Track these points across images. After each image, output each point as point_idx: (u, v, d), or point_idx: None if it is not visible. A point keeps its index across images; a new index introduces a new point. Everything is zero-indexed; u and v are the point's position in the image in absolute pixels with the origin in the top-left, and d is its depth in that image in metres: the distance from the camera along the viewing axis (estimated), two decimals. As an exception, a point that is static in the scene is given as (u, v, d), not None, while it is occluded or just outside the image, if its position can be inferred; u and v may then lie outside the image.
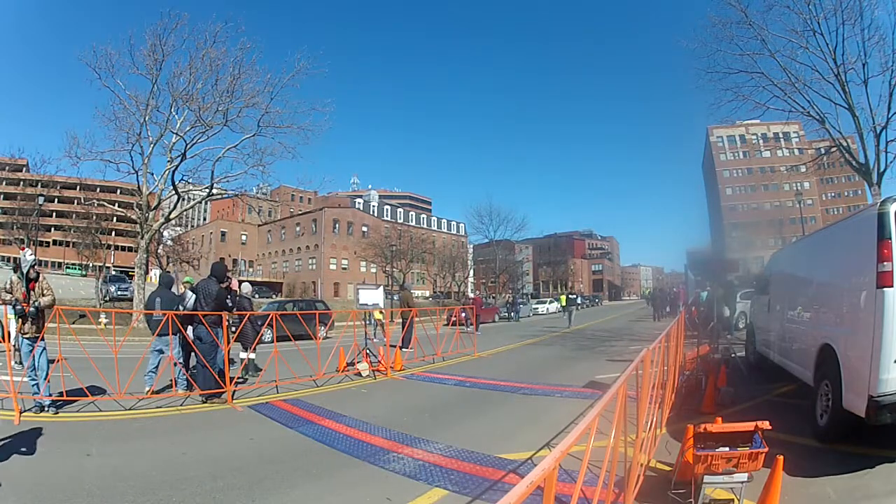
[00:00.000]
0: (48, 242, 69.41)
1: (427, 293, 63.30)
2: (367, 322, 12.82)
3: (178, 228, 44.94)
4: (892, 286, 3.72)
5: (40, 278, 6.15)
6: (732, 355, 9.03)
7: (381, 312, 14.14)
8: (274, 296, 47.50)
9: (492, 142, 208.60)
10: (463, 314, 18.48)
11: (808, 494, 3.54)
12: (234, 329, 8.87)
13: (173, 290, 8.48)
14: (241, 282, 10.44)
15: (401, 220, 75.59)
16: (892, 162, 14.83)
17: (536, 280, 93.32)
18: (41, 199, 30.17)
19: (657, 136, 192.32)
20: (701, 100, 37.07)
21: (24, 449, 4.69)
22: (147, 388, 6.85)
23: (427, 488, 3.82)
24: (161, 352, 7.17)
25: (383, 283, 47.26)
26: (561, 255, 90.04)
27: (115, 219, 45.04)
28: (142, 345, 7.93)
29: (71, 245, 59.89)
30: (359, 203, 74.36)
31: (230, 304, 7.64)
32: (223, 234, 69.43)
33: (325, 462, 4.52)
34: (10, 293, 5.93)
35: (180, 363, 7.24)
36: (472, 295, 65.95)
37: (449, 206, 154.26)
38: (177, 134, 20.38)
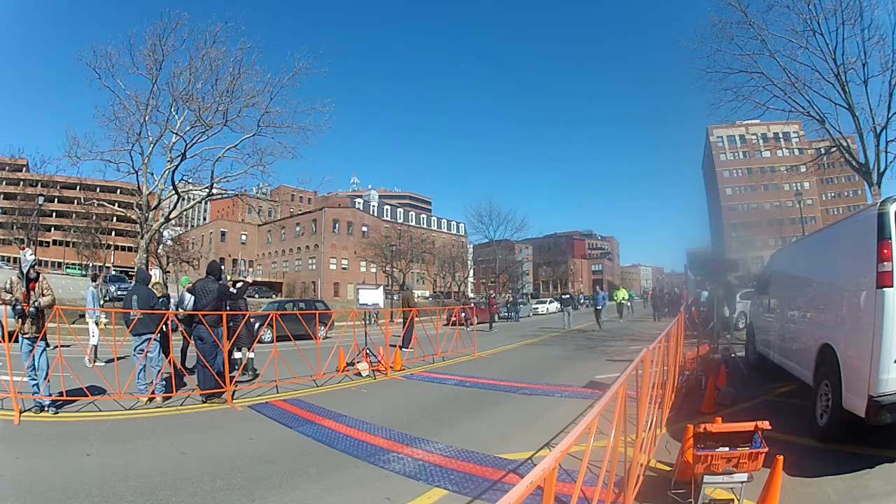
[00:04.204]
0: (48, 242, 69.49)
1: (427, 293, 63.32)
2: (368, 322, 12.83)
3: (178, 228, 44.96)
4: (892, 286, 3.72)
5: (40, 278, 6.15)
6: (732, 355, 9.03)
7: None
8: (274, 296, 47.50)
9: (492, 142, 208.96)
10: (463, 314, 18.53)
11: (808, 494, 3.54)
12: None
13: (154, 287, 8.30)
14: (235, 282, 10.43)
15: (401, 220, 75.62)
16: (892, 162, 14.86)
17: (536, 280, 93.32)
18: (41, 199, 30.19)
19: (657, 136, 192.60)
20: (701, 100, 37.27)
21: (23, 449, 4.69)
22: (145, 397, 6.72)
23: (427, 488, 3.82)
24: (142, 352, 6.87)
25: (383, 283, 47.30)
26: (561, 255, 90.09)
27: (115, 219, 45.20)
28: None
29: (71, 245, 60.08)
30: (359, 203, 74.37)
31: (233, 292, 7.61)
32: (223, 233, 69.45)
33: (325, 462, 4.52)
34: (11, 293, 5.92)
35: (156, 366, 6.97)
36: (471, 294, 66.08)
37: (449, 206, 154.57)
38: (177, 134, 20.41)
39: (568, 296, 24.14)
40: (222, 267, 8.19)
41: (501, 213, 59.15)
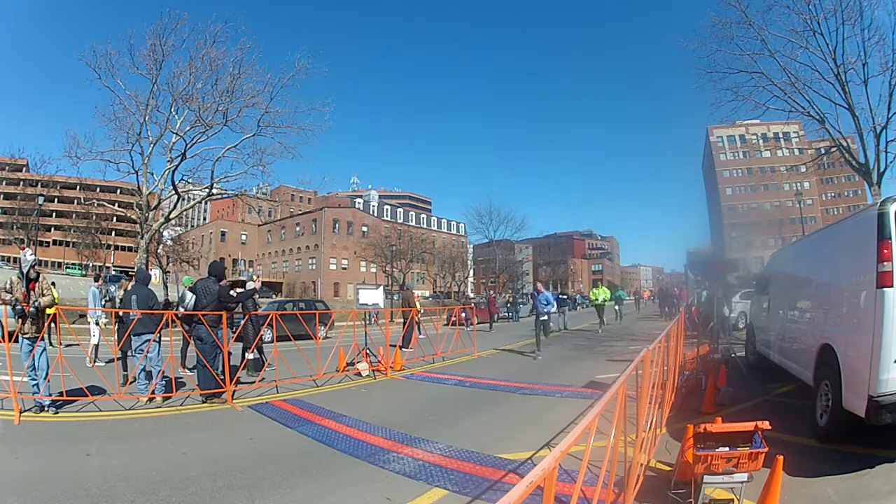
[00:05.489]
0: (48, 242, 69.50)
1: (427, 293, 63.34)
2: (368, 322, 12.83)
3: (178, 228, 44.91)
4: (892, 286, 3.73)
5: (40, 278, 6.15)
6: (732, 355, 9.03)
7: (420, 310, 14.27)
8: (274, 296, 47.49)
9: (492, 142, 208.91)
10: (463, 314, 18.53)
11: (808, 494, 3.54)
12: (233, 329, 8.89)
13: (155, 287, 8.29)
14: (244, 281, 10.46)
15: (401, 220, 75.65)
16: (892, 162, 14.87)
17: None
18: (41, 199, 30.19)
19: (657, 136, 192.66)
20: (701, 100, 37.15)
21: (23, 449, 4.69)
22: (145, 397, 6.72)
23: (427, 488, 3.82)
24: (142, 352, 6.86)
25: (383, 283, 47.31)
26: (561, 255, 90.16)
27: (115, 219, 45.19)
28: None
29: (71, 245, 60.13)
30: (359, 203, 74.39)
31: (233, 295, 7.56)
32: (223, 234, 69.47)
33: (325, 462, 4.52)
34: (11, 293, 5.92)
35: (156, 366, 6.95)
36: (471, 294, 66.10)
37: (449, 206, 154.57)
38: (177, 134, 20.39)
39: (565, 296, 23.56)
40: (225, 267, 8.13)
41: (501, 213, 58.97)
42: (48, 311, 6.09)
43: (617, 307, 23.36)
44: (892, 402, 3.64)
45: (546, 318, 12.63)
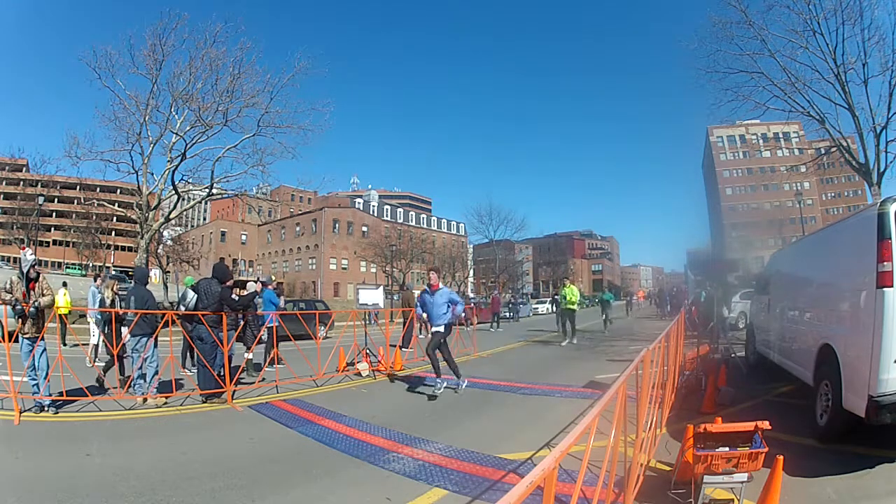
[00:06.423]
0: (48, 242, 69.50)
1: (427, 293, 63.32)
2: (368, 322, 12.82)
3: (178, 228, 44.95)
4: (892, 286, 3.73)
5: (40, 278, 6.15)
6: (732, 355, 9.03)
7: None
8: (274, 296, 47.41)
9: (492, 142, 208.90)
10: (463, 314, 18.50)
11: (808, 494, 3.54)
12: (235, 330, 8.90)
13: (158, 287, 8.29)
14: (245, 281, 10.45)
15: (401, 220, 75.68)
16: (892, 162, 14.86)
17: (536, 280, 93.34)
18: (41, 199, 30.22)
19: (657, 136, 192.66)
20: (701, 100, 36.97)
21: (23, 449, 4.70)
22: (140, 395, 6.68)
23: (427, 488, 3.82)
24: (137, 352, 6.80)
25: (383, 283, 47.32)
26: (561, 255, 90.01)
27: (115, 219, 45.20)
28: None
29: (71, 245, 60.15)
30: (359, 203, 74.39)
31: (235, 299, 7.46)
32: (223, 234, 69.52)
33: (325, 462, 4.51)
34: (11, 293, 5.92)
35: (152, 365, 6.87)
36: (471, 294, 66.08)
37: (449, 206, 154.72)
38: (177, 134, 20.41)
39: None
40: (229, 269, 8.05)
41: (501, 213, 58.90)
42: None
43: (604, 313, 19.70)
44: (892, 402, 3.64)
45: (442, 329, 7.51)
